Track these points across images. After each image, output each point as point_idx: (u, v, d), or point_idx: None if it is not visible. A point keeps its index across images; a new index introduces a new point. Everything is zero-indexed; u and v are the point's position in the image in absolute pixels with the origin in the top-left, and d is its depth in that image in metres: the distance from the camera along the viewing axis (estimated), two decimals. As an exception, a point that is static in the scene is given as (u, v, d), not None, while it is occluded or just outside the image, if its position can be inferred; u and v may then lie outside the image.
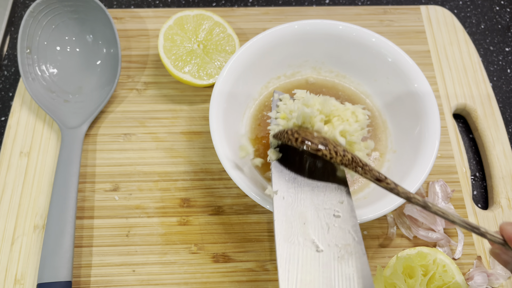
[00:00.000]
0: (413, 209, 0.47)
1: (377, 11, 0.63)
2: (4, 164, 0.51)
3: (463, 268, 0.47)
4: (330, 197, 0.38)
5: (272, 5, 0.66)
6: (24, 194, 0.49)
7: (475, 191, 0.53)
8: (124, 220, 0.48)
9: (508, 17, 0.66)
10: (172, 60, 0.54)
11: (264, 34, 0.50)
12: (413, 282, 0.42)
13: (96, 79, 0.56)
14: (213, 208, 0.49)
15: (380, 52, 0.50)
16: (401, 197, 0.36)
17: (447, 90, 0.57)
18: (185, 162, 0.52)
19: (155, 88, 0.56)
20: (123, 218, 0.49)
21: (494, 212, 0.50)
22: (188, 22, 0.56)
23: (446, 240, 0.47)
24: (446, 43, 0.61)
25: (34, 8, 0.52)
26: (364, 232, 0.48)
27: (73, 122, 0.52)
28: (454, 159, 0.53)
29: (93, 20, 0.55)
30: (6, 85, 0.59)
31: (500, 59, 0.63)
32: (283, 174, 0.39)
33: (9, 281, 0.45)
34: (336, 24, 0.50)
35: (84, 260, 0.46)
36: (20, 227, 0.48)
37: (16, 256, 0.46)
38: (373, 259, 0.47)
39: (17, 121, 0.54)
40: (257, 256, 0.47)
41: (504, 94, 0.60)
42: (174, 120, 0.54)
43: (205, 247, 0.47)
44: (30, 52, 0.53)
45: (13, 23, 0.64)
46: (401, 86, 0.49)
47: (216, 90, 0.46)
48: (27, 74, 0.53)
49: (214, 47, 0.56)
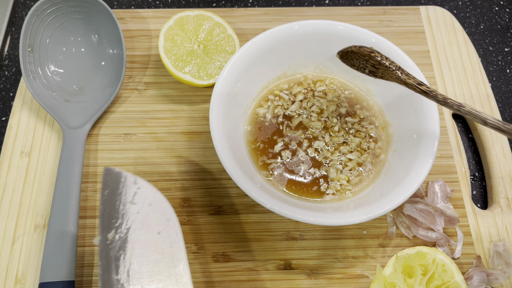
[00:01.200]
0: (413, 208, 0.47)
1: (377, 11, 0.63)
2: (5, 164, 0.51)
3: (462, 267, 0.47)
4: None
5: (272, 6, 0.67)
6: (25, 194, 0.50)
7: (475, 191, 0.54)
8: (125, 219, 0.49)
9: (508, 17, 0.66)
10: (172, 60, 0.54)
11: (264, 34, 0.50)
12: (412, 282, 0.42)
13: (99, 79, 0.56)
14: (214, 208, 0.49)
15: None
16: (439, 101, 0.40)
17: (446, 90, 0.57)
18: (186, 162, 0.52)
19: (155, 88, 0.57)
20: (123, 218, 0.49)
21: (494, 211, 0.50)
22: (189, 23, 0.56)
23: (445, 240, 0.47)
24: (446, 43, 0.61)
25: (38, 6, 0.52)
26: (364, 231, 0.48)
27: (74, 122, 0.52)
28: (453, 159, 0.53)
29: (98, 21, 0.55)
30: (7, 85, 0.59)
31: (499, 59, 0.63)
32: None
33: (9, 281, 0.45)
34: (336, 25, 0.50)
35: (86, 260, 0.46)
36: (20, 227, 0.48)
37: (16, 256, 0.46)
38: (372, 259, 0.47)
39: (18, 121, 0.54)
40: (257, 255, 0.47)
41: (503, 94, 0.60)
42: (174, 120, 0.55)
43: (205, 247, 0.47)
44: (31, 50, 0.53)
45: (14, 23, 0.64)
46: (400, 86, 0.49)
47: (216, 90, 0.46)
48: (28, 72, 0.53)
49: (214, 48, 0.56)
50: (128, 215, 0.38)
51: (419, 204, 0.47)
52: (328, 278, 0.46)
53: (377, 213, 0.41)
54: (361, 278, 0.46)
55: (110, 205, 0.39)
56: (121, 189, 0.40)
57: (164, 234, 0.37)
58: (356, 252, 0.48)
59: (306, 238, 0.48)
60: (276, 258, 0.47)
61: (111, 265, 0.36)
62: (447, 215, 0.47)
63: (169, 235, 0.38)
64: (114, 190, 0.40)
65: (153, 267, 0.36)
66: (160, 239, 0.37)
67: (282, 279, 0.46)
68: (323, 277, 0.46)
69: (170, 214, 0.39)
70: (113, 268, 0.36)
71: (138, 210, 0.38)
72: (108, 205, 0.39)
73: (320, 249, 0.48)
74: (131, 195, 0.39)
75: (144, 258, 0.36)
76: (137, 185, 0.40)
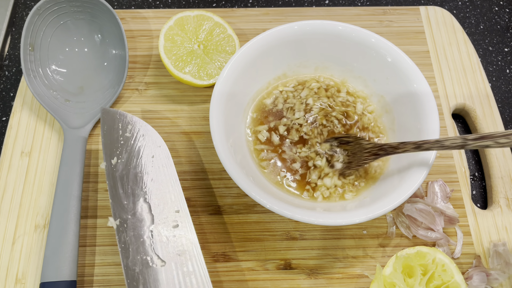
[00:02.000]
0: (413, 208, 0.47)
1: (377, 11, 0.63)
2: (5, 164, 0.51)
3: (462, 267, 0.47)
4: (167, 209, 0.42)
5: (272, 6, 0.67)
6: (25, 194, 0.50)
7: (474, 190, 0.54)
8: (125, 219, 0.49)
9: (507, 17, 0.67)
10: (172, 61, 0.54)
11: (264, 34, 0.50)
12: (412, 282, 0.42)
13: (101, 80, 0.56)
14: (214, 208, 0.49)
15: (379, 52, 0.50)
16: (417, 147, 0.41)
17: (446, 90, 0.57)
18: (186, 162, 0.52)
19: (155, 88, 0.57)
20: (124, 217, 0.49)
21: (493, 211, 0.50)
22: (189, 23, 0.56)
23: (445, 240, 0.47)
24: (445, 43, 0.61)
25: (41, 5, 0.52)
26: (364, 231, 0.49)
27: (75, 122, 0.52)
28: (453, 159, 0.53)
29: (100, 21, 0.56)
30: (7, 85, 0.59)
31: (499, 59, 0.63)
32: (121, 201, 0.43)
33: (10, 281, 0.45)
34: (336, 25, 0.50)
35: (87, 259, 0.47)
36: (21, 227, 0.48)
37: (17, 256, 0.46)
38: (372, 259, 0.47)
39: (18, 121, 0.54)
40: (257, 255, 0.47)
41: (503, 94, 0.60)
42: (174, 120, 0.55)
43: (205, 247, 0.48)
44: (32, 49, 0.53)
45: (14, 23, 0.64)
46: (400, 86, 0.49)
47: (216, 90, 0.46)
48: (29, 72, 0.53)
49: (214, 48, 0.56)
50: (126, 144, 0.46)
51: (419, 204, 0.47)
52: (328, 278, 0.46)
53: (377, 213, 0.41)
54: (361, 278, 0.46)
55: (110, 138, 0.46)
56: (117, 124, 0.47)
57: (157, 157, 0.45)
58: (356, 252, 0.48)
59: (306, 238, 0.48)
60: (276, 258, 0.47)
61: (117, 183, 0.43)
62: (447, 215, 0.47)
63: (161, 157, 0.45)
64: (112, 125, 0.47)
65: (151, 183, 0.44)
66: (154, 161, 0.45)
67: (282, 279, 0.46)
68: (323, 277, 0.46)
69: (160, 142, 0.46)
70: (118, 185, 0.43)
71: (133, 140, 0.46)
72: (108, 137, 0.46)
73: (320, 249, 0.48)
74: (126, 128, 0.46)
75: (143, 176, 0.44)
76: (129, 120, 0.47)
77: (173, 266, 0.40)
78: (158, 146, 0.46)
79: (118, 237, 0.41)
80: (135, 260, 0.40)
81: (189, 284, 0.39)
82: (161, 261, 0.40)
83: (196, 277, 0.39)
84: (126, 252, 0.40)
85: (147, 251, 0.40)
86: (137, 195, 0.43)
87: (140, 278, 0.39)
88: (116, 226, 0.42)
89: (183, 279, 0.39)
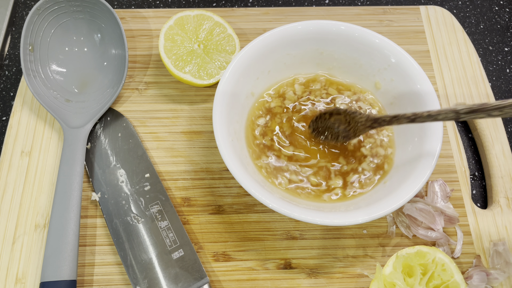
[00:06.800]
0: (413, 208, 0.47)
1: (377, 11, 0.63)
2: (5, 163, 0.51)
3: (462, 267, 0.47)
4: (137, 175, 0.50)
5: (272, 6, 0.67)
6: (25, 193, 0.50)
7: (474, 190, 0.54)
8: (125, 219, 0.49)
9: (507, 17, 0.67)
10: (172, 60, 0.54)
11: (268, 34, 0.50)
12: (412, 281, 0.42)
13: (101, 79, 0.56)
14: (214, 207, 0.50)
15: (383, 52, 0.50)
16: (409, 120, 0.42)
17: (446, 90, 0.57)
18: (186, 162, 0.52)
19: (155, 88, 0.57)
20: (124, 217, 0.49)
21: (493, 211, 0.50)
22: (189, 22, 0.56)
23: (445, 239, 0.47)
24: (446, 43, 0.61)
25: (41, 5, 0.52)
26: (364, 231, 0.49)
27: (75, 121, 0.52)
28: (453, 158, 0.53)
29: (100, 21, 0.55)
30: (7, 84, 0.59)
31: (499, 59, 0.63)
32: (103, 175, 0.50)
33: (10, 280, 0.45)
34: (338, 25, 0.50)
35: (87, 259, 0.47)
36: (21, 227, 0.48)
37: (17, 256, 0.47)
38: (372, 258, 0.47)
39: (18, 120, 0.54)
40: (257, 255, 0.47)
41: (503, 93, 0.60)
42: (174, 120, 0.55)
43: (205, 246, 0.48)
44: (32, 49, 0.53)
45: (14, 23, 0.64)
46: (404, 86, 0.49)
47: (219, 90, 0.46)
48: (29, 71, 0.53)
49: (214, 47, 0.56)
50: (96, 131, 0.53)
51: (419, 203, 0.48)
52: (328, 277, 0.46)
53: (379, 213, 0.41)
54: (361, 278, 0.46)
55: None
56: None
57: (123, 135, 0.52)
58: (356, 251, 0.48)
59: (306, 238, 0.48)
60: (276, 258, 0.47)
61: (94, 163, 0.51)
62: (447, 214, 0.48)
63: (126, 135, 0.53)
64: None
65: (121, 157, 0.51)
66: (121, 138, 0.52)
67: (282, 279, 0.46)
68: (323, 276, 0.46)
69: (124, 121, 0.53)
70: (95, 165, 0.51)
71: (101, 128, 0.53)
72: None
73: (320, 249, 0.48)
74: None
75: (113, 153, 0.51)
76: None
77: (149, 220, 0.47)
78: (123, 124, 0.53)
79: (102, 208, 0.48)
80: (117, 222, 0.47)
81: (166, 233, 0.46)
82: (139, 218, 0.47)
83: (171, 226, 0.47)
84: (109, 218, 0.47)
85: (126, 212, 0.47)
86: (111, 169, 0.50)
87: (124, 235, 0.46)
88: (98, 199, 0.48)
89: (160, 230, 0.47)
